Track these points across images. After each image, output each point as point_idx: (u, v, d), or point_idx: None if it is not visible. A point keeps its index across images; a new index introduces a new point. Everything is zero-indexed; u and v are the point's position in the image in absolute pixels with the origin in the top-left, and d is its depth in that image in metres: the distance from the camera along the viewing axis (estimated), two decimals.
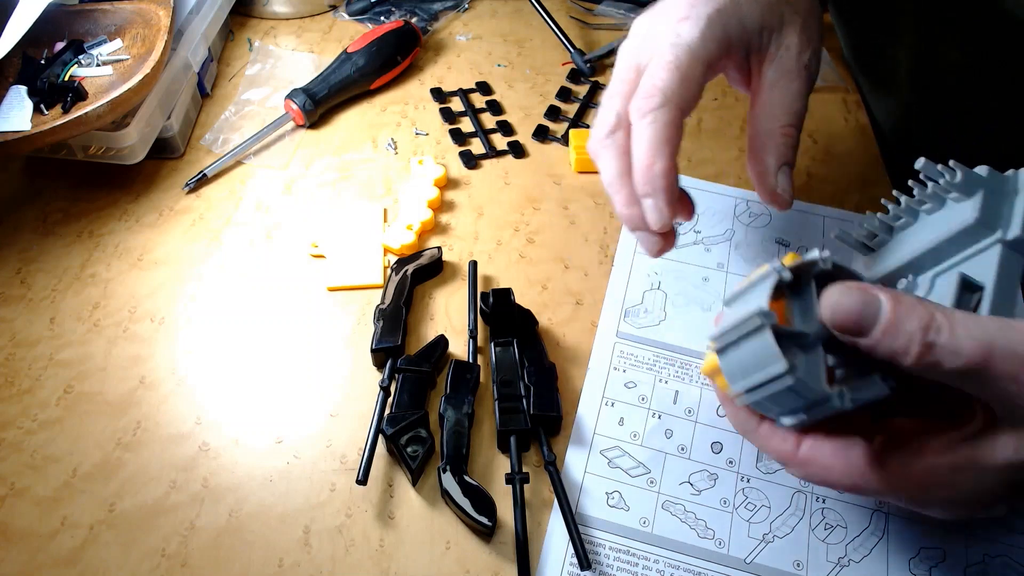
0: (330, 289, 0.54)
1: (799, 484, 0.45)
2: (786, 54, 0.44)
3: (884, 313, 0.31)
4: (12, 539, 0.43)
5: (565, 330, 0.52)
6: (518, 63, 0.71)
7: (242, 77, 0.69)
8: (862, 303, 0.32)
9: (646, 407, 0.48)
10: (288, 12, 0.74)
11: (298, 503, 0.44)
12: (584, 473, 0.45)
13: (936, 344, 0.30)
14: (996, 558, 0.43)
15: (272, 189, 0.60)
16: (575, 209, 0.59)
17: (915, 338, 0.30)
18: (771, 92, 0.44)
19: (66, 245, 0.56)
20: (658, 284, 0.54)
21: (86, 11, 0.62)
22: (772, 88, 0.44)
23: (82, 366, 0.50)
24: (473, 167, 0.62)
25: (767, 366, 0.33)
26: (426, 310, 0.53)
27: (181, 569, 0.42)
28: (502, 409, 0.46)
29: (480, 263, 0.55)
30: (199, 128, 0.64)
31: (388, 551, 0.42)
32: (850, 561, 0.42)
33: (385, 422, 0.45)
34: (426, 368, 0.48)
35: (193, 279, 0.54)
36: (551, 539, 0.43)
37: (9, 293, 0.53)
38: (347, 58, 0.66)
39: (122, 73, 0.59)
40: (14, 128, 0.53)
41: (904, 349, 0.31)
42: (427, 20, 0.74)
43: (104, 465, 0.45)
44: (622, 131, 0.44)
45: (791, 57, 0.44)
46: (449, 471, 0.43)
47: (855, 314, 0.32)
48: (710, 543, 0.43)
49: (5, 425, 0.47)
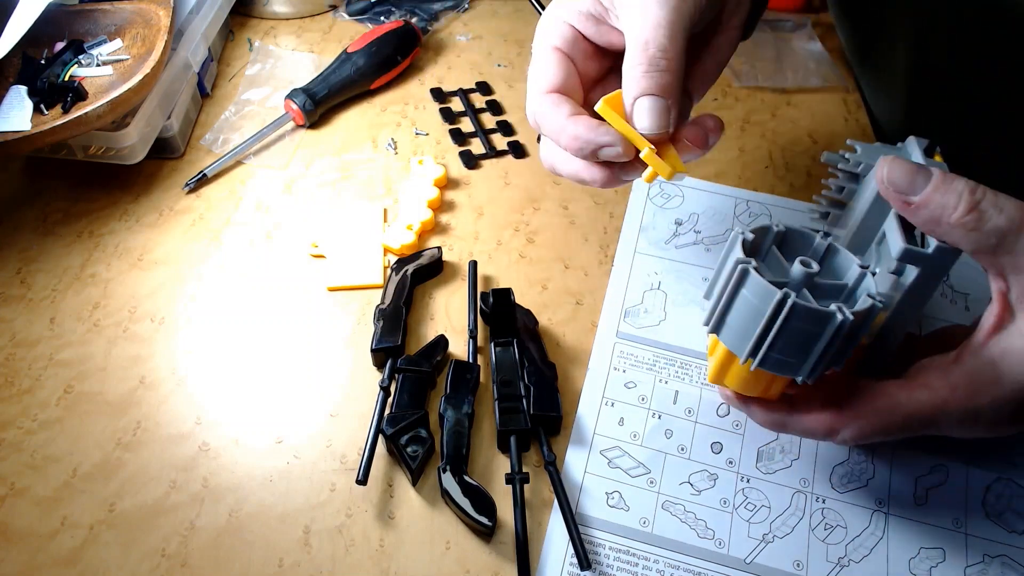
0: (330, 289, 0.54)
1: (799, 484, 0.45)
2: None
3: (935, 174, 0.36)
4: (12, 539, 0.43)
5: (565, 330, 0.52)
6: (518, 63, 0.71)
7: (242, 77, 0.69)
8: (914, 168, 0.36)
9: (646, 407, 0.48)
10: (288, 12, 0.74)
11: (298, 503, 0.44)
12: (584, 473, 0.45)
13: (982, 200, 0.34)
14: (996, 558, 0.43)
15: (272, 189, 0.60)
16: (575, 209, 0.59)
17: (964, 195, 0.34)
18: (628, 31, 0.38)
19: (66, 245, 0.56)
20: (658, 284, 0.54)
21: (86, 11, 0.62)
22: (628, 30, 0.38)
23: (82, 366, 0.50)
24: (473, 167, 0.62)
25: (765, 304, 0.34)
26: (426, 310, 0.53)
27: (181, 569, 0.42)
28: (502, 409, 0.46)
29: (480, 263, 0.55)
30: (199, 128, 0.64)
31: (388, 551, 0.43)
32: (850, 561, 0.42)
33: (385, 422, 0.45)
34: (426, 368, 0.48)
35: (193, 279, 0.54)
36: (551, 539, 0.43)
37: (9, 293, 0.53)
38: (347, 58, 0.66)
39: (122, 73, 0.59)
40: (14, 128, 0.53)
41: (954, 204, 0.34)
42: (427, 20, 0.74)
43: (104, 465, 0.45)
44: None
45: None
46: (449, 471, 0.43)
47: (909, 174, 0.36)
48: (710, 543, 0.43)
49: (5, 425, 0.47)
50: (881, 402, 0.38)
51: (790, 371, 0.36)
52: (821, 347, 0.35)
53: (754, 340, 0.35)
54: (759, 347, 0.36)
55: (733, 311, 0.37)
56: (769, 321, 0.35)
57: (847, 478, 0.45)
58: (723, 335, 0.37)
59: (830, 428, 0.39)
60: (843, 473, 0.46)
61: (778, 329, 0.35)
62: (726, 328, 0.37)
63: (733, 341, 0.37)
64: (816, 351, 0.35)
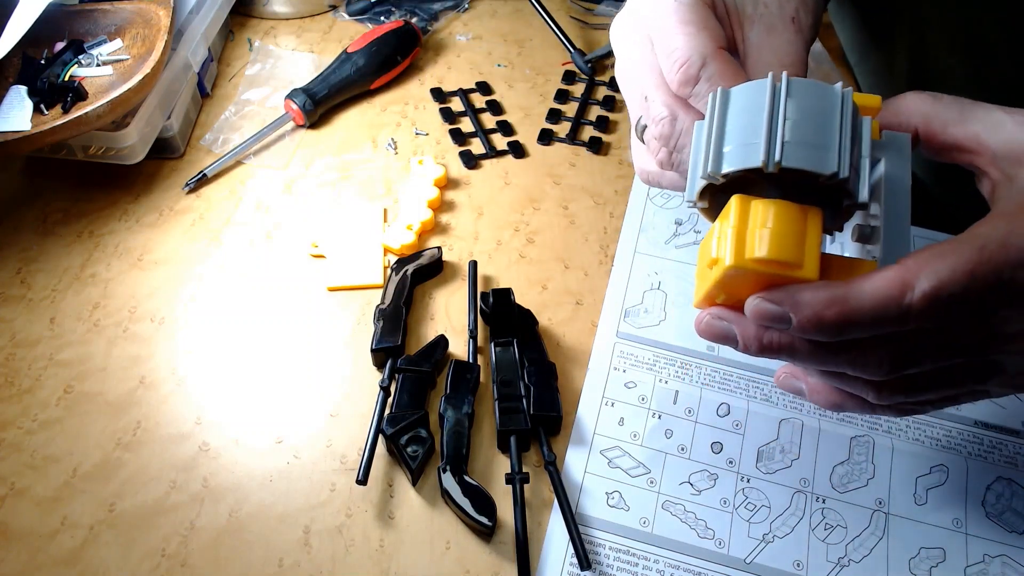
0: (330, 289, 0.54)
1: (799, 484, 0.45)
2: (766, 11, 0.38)
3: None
4: (12, 539, 0.43)
5: (565, 330, 0.52)
6: (518, 63, 0.71)
7: (242, 77, 0.69)
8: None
9: (646, 407, 0.48)
10: (288, 12, 0.74)
11: (298, 503, 0.44)
12: (584, 473, 0.45)
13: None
14: (996, 558, 0.43)
15: (272, 189, 0.60)
16: (575, 209, 0.59)
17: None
18: (758, 54, 0.38)
19: (66, 245, 0.56)
20: (658, 284, 0.54)
21: (86, 11, 0.62)
22: (759, 51, 0.38)
23: (82, 366, 0.50)
24: (473, 167, 0.62)
25: (760, 96, 0.31)
26: (426, 310, 0.53)
27: (181, 569, 0.42)
28: (502, 409, 0.46)
29: (480, 263, 0.55)
30: (199, 128, 0.64)
31: (388, 551, 0.42)
32: (850, 561, 0.43)
33: (385, 422, 0.45)
34: (426, 368, 0.48)
35: (193, 279, 0.54)
36: (551, 539, 0.43)
37: (9, 293, 0.53)
38: (347, 58, 0.66)
39: (122, 73, 0.59)
40: (14, 128, 0.53)
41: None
42: (427, 20, 0.74)
43: (104, 465, 0.45)
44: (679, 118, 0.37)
45: (772, 13, 0.38)
46: (449, 471, 0.43)
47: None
48: (710, 543, 0.43)
49: (5, 425, 0.47)
50: (957, 240, 0.30)
51: (817, 161, 0.30)
52: (837, 122, 0.31)
53: (765, 132, 0.30)
54: (772, 140, 0.30)
55: (728, 133, 0.32)
56: (772, 107, 0.30)
57: (847, 478, 0.45)
58: (726, 159, 0.32)
59: (902, 285, 0.29)
60: (843, 473, 0.46)
61: (784, 111, 0.30)
62: (727, 155, 0.32)
63: (739, 157, 0.31)
64: (834, 128, 0.30)
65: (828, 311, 0.30)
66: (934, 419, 0.48)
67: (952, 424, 0.48)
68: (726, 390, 0.49)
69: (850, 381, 0.35)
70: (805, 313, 0.30)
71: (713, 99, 0.33)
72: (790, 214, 0.30)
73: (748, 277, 0.31)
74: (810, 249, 0.30)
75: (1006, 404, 0.48)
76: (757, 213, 0.31)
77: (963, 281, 0.29)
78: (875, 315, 0.30)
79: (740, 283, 0.32)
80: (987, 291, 0.29)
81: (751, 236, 0.31)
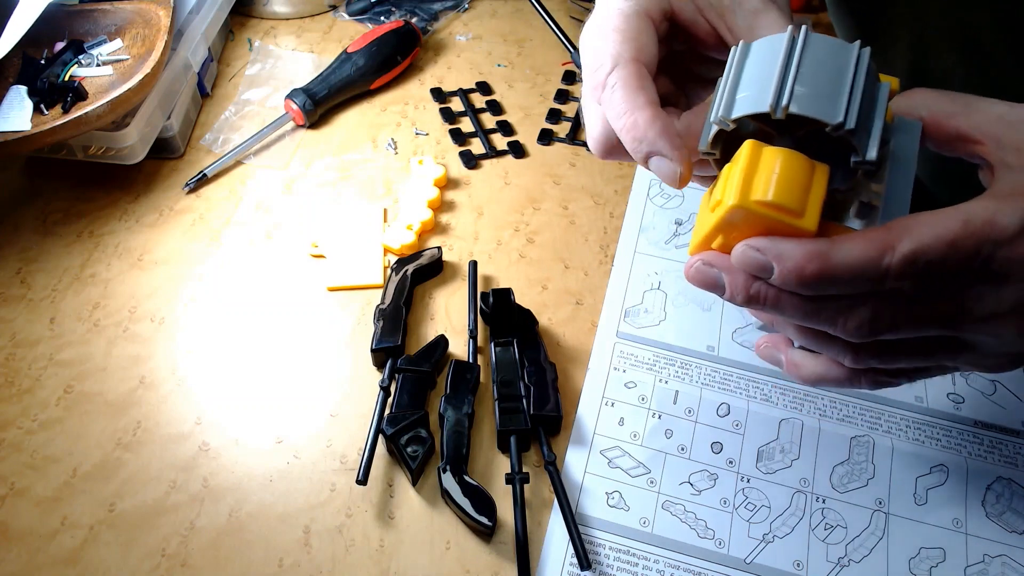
0: (330, 289, 0.54)
1: (799, 484, 0.45)
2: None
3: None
4: (12, 539, 0.43)
5: (565, 330, 0.52)
6: (518, 63, 0.71)
7: (242, 77, 0.69)
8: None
9: (646, 407, 0.48)
10: (288, 12, 0.74)
11: (298, 503, 0.44)
12: (584, 473, 0.45)
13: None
14: (996, 558, 0.43)
15: (272, 189, 0.60)
16: (575, 209, 0.59)
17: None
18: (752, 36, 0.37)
19: (66, 245, 0.56)
20: (658, 284, 0.54)
21: (86, 11, 0.62)
22: (751, 33, 0.37)
23: (82, 366, 0.50)
24: (473, 167, 0.62)
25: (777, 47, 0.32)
26: (426, 310, 0.53)
27: (181, 569, 0.42)
28: (502, 409, 0.46)
29: (480, 263, 0.55)
30: (199, 128, 0.64)
31: (388, 551, 0.43)
32: (850, 561, 0.43)
33: (385, 422, 0.45)
34: (426, 368, 0.48)
35: (193, 279, 0.54)
36: (551, 539, 0.43)
37: (9, 293, 0.53)
38: (347, 58, 0.66)
39: (122, 73, 0.59)
40: (14, 128, 0.54)
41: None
42: (427, 20, 0.74)
43: (104, 465, 0.45)
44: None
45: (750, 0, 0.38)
46: (449, 471, 0.43)
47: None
48: (710, 543, 0.43)
49: (5, 425, 0.47)
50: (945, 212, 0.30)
51: (825, 110, 0.30)
52: (849, 76, 0.31)
53: (777, 80, 0.30)
54: (783, 87, 0.30)
55: (743, 82, 0.32)
56: (787, 56, 0.31)
57: (847, 478, 0.45)
58: (737, 105, 0.32)
59: (883, 246, 0.30)
60: (843, 473, 0.46)
61: (799, 62, 0.31)
62: (739, 101, 0.32)
63: (749, 103, 0.31)
64: (845, 81, 0.31)
65: (809, 264, 0.30)
66: (934, 419, 0.48)
67: (952, 424, 0.48)
68: (726, 390, 0.49)
69: (829, 343, 0.35)
70: (787, 265, 0.30)
71: (733, 52, 0.33)
72: (798, 163, 0.31)
73: (748, 221, 0.32)
74: (813, 201, 0.31)
75: (1006, 404, 0.48)
76: (766, 158, 0.31)
77: (943, 249, 0.30)
78: (854, 272, 0.30)
79: (739, 228, 0.32)
80: (965, 263, 0.30)
81: (758, 179, 0.31)
